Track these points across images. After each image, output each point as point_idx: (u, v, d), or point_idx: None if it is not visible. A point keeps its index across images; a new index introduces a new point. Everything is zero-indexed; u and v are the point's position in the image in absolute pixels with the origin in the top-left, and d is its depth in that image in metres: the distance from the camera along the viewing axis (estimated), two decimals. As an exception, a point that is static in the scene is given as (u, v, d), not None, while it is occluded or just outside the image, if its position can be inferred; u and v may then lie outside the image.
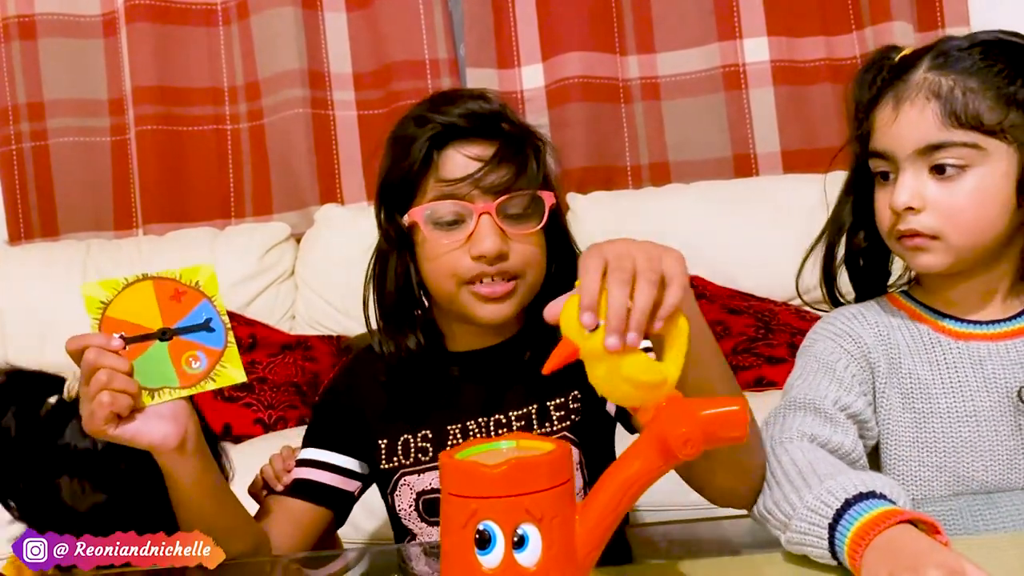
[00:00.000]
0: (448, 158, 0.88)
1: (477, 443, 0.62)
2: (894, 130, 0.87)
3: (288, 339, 2.12)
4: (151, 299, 0.80)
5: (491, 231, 0.86)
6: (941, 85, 0.85)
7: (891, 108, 0.88)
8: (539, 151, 0.91)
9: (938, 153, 0.84)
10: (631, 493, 0.59)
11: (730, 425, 0.58)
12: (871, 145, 0.90)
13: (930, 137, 0.85)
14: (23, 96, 2.52)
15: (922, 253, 0.87)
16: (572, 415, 0.92)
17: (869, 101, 0.92)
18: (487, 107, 0.90)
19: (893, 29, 2.28)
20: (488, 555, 0.56)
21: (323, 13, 2.48)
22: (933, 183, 0.85)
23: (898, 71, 0.89)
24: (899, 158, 0.87)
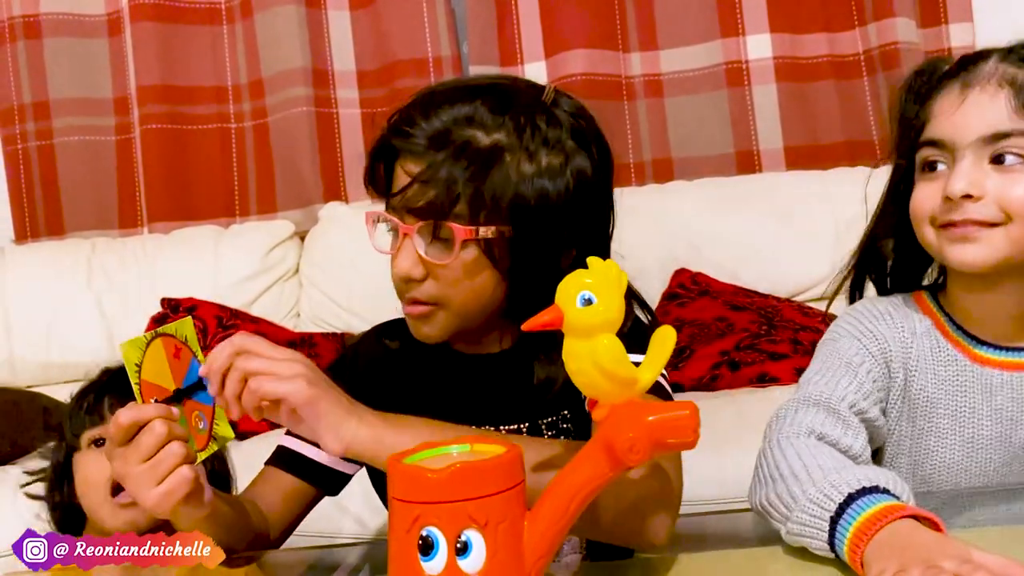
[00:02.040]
0: (396, 169, 0.84)
1: (430, 447, 0.61)
2: (958, 116, 0.83)
3: (292, 336, 2.12)
4: (163, 358, 0.77)
5: (404, 254, 0.82)
6: (1016, 75, 0.82)
7: (957, 93, 0.84)
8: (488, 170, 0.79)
9: (1004, 142, 0.81)
10: (580, 498, 0.58)
11: (678, 431, 0.57)
12: (926, 134, 0.85)
13: (999, 124, 0.81)
14: (28, 95, 2.52)
15: (970, 244, 0.82)
16: (562, 436, 0.90)
17: (926, 93, 0.87)
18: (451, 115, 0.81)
19: (896, 25, 2.27)
20: (431, 561, 0.55)
21: (326, 11, 2.49)
22: (994, 172, 0.81)
23: (963, 64, 0.86)
24: (959, 145, 0.82)
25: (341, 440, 0.72)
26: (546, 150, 0.81)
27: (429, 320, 0.85)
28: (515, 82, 0.88)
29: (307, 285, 2.29)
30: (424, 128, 0.80)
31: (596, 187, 0.85)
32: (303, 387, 0.71)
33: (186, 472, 0.73)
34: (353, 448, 0.72)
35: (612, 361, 0.58)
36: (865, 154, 2.33)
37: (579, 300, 0.58)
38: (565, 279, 0.60)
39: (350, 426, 0.72)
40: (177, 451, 0.73)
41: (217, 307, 2.15)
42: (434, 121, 0.80)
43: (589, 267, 0.60)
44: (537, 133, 0.81)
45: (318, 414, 0.72)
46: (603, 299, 0.58)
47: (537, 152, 0.81)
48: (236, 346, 0.73)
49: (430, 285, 0.83)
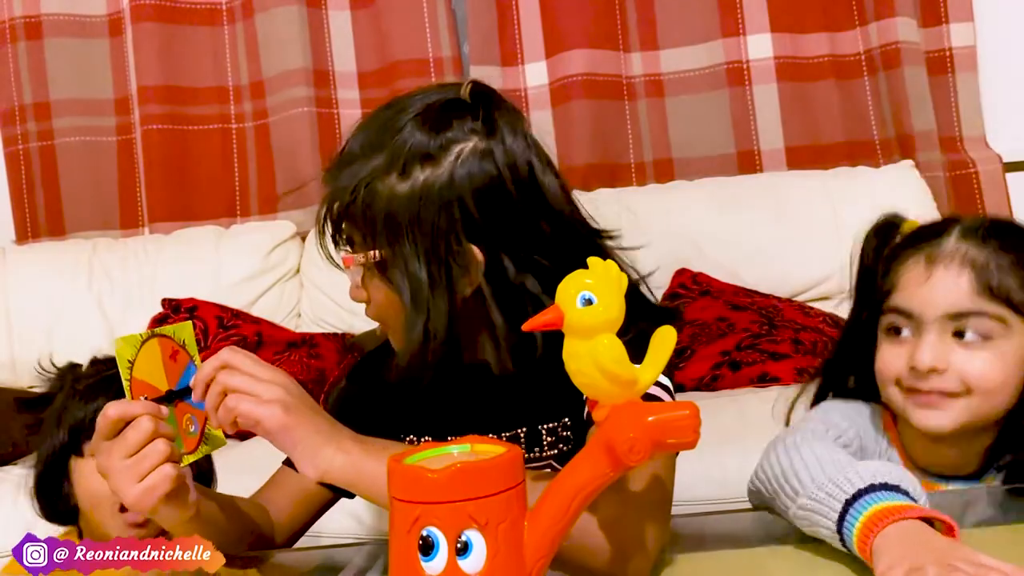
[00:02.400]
0: None
1: (431, 447, 0.61)
2: (924, 291, 0.89)
3: (294, 337, 2.12)
4: (158, 358, 0.78)
5: (351, 282, 0.86)
6: (977, 257, 0.88)
7: (922, 269, 0.90)
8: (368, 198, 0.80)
9: (966, 320, 0.87)
10: (581, 499, 0.58)
11: (679, 431, 0.57)
12: (893, 301, 0.91)
13: (962, 304, 0.87)
14: (29, 96, 2.52)
15: (934, 411, 0.88)
16: (561, 443, 0.90)
17: (890, 258, 0.94)
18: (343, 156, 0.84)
19: (897, 25, 2.27)
20: (432, 561, 0.55)
21: (327, 12, 2.49)
22: (958, 347, 0.87)
23: (925, 236, 0.92)
24: (925, 319, 0.88)
25: (317, 468, 0.72)
26: (422, 165, 0.80)
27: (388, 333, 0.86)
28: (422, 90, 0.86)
29: (308, 285, 2.29)
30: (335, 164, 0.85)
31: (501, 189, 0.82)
32: (278, 413, 0.71)
33: (168, 470, 0.73)
34: (329, 476, 0.72)
35: (612, 361, 0.58)
36: (866, 154, 2.33)
37: (579, 300, 0.58)
38: (565, 279, 0.60)
39: (326, 454, 0.72)
40: (161, 448, 0.73)
41: (218, 307, 2.15)
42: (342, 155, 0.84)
43: (589, 267, 0.60)
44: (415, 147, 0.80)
45: (293, 441, 0.72)
46: (603, 299, 0.58)
47: (412, 169, 0.80)
48: (222, 360, 0.74)
49: (371, 307, 0.86)
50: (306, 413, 0.73)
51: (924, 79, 2.28)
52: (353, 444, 0.74)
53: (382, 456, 0.71)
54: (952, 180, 2.30)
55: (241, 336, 2.07)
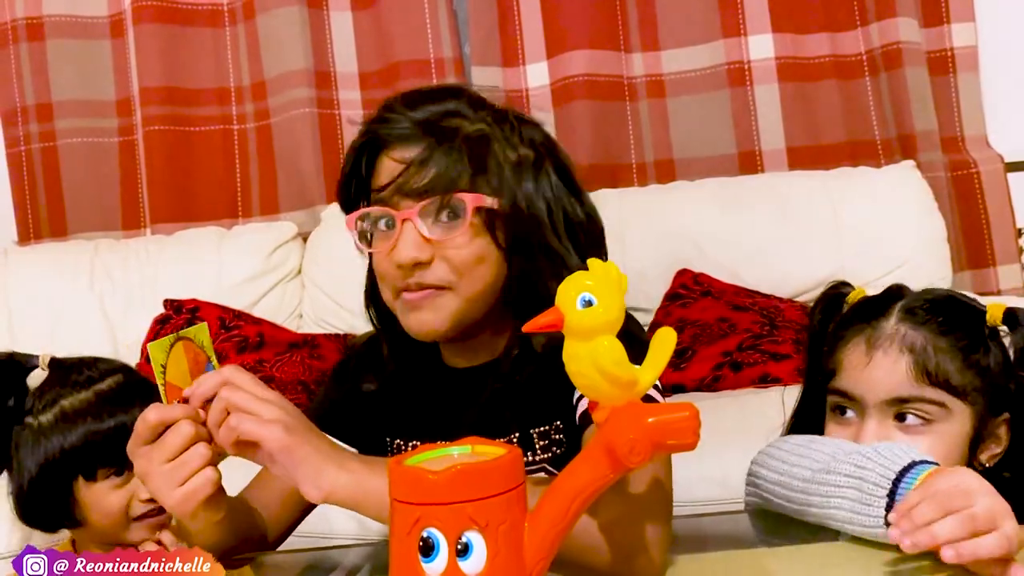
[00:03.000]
0: (381, 164, 0.85)
1: (432, 448, 0.61)
2: (865, 375, 0.89)
3: (295, 338, 2.13)
4: (184, 362, 0.78)
5: (407, 239, 0.82)
6: (916, 340, 0.88)
7: (863, 352, 0.90)
8: (482, 149, 0.83)
9: (906, 405, 0.88)
10: (581, 500, 0.58)
11: (679, 432, 0.57)
12: (835, 383, 0.92)
13: (901, 390, 0.88)
14: (31, 97, 2.53)
15: None
16: (554, 447, 0.90)
17: (835, 336, 0.94)
18: (430, 109, 0.84)
19: (898, 25, 2.27)
20: (432, 563, 0.55)
21: (328, 12, 2.49)
22: (898, 433, 0.88)
23: (866, 315, 0.93)
24: (867, 403, 0.89)
25: (320, 489, 0.70)
26: (522, 144, 0.86)
27: (433, 305, 0.84)
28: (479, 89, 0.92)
29: (310, 286, 2.30)
30: (411, 116, 0.84)
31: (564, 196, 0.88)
32: (280, 433, 0.70)
33: (210, 474, 0.72)
34: (334, 496, 0.71)
35: (612, 363, 0.58)
36: (867, 154, 2.33)
37: (579, 302, 0.58)
38: (566, 280, 0.60)
39: (329, 474, 0.71)
40: (203, 452, 0.72)
41: (220, 308, 2.16)
42: (420, 112, 0.84)
43: (589, 268, 0.60)
44: (513, 128, 0.87)
45: (295, 462, 0.71)
46: (603, 301, 0.58)
47: (517, 145, 0.86)
48: (224, 377, 0.73)
49: (439, 267, 0.83)
50: (306, 434, 0.72)
51: (926, 79, 2.28)
52: (356, 463, 0.73)
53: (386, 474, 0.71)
54: (953, 180, 2.30)
55: (243, 337, 2.07)
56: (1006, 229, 2.30)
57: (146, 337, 2.14)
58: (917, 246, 2.10)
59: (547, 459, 0.90)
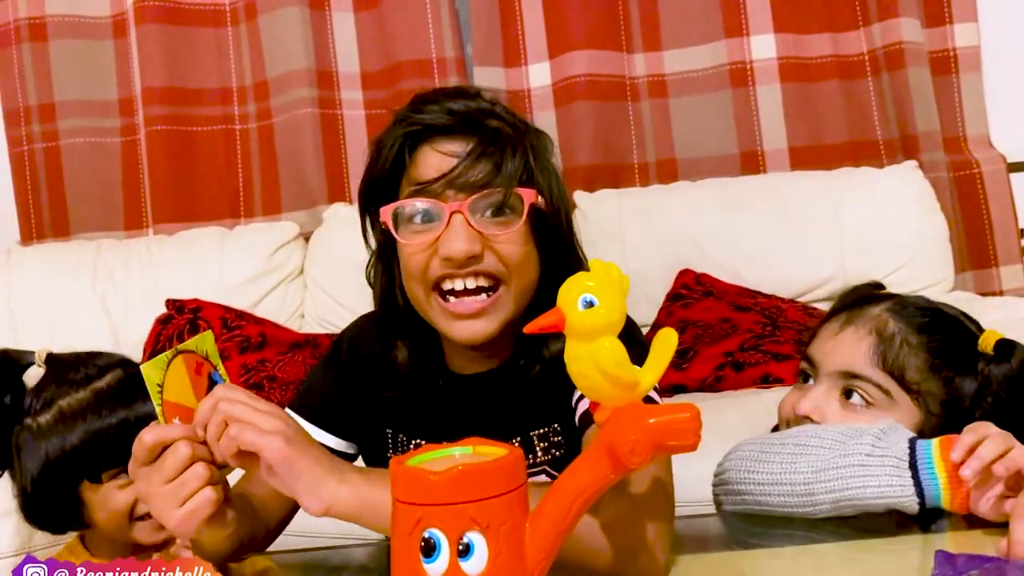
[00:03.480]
0: (423, 156, 0.84)
1: (433, 448, 0.61)
2: (829, 345, 0.93)
3: (297, 337, 2.13)
4: (184, 376, 0.76)
5: (461, 230, 0.80)
6: (887, 326, 0.91)
7: (838, 325, 0.94)
8: (526, 148, 0.85)
9: (854, 381, 0.90)
10: (582, 501, 0.58)
11: (680, 433, 0.57)
12: (807, 349, 0.96)
13: (853, 365, 0.90)
14: (34, 98, 2.54)
15: None
16: (553, 449, 0.90)
17: (828, 314, 0.98)
18: (467, 104, 0.85)
19: (900, 25, 2.27)
20: (433, 563, 0.55)
21: (330, 13, 2.49)
22: (838, 405, 0.90)
23: (862, 301, 0.96)
24: (821, 371, 0.92)
25: (321, 501, 0.70)
26: (544, 153, 0.88)
27: (484, 314, 0.83)
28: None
29: (311, 286, 2.30)
30: (454, 109, 0.84)
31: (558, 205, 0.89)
32: (281, 444, 0.69)
33: (209, 494, 0.72)
34: (335, 509, 0.70)
35: (614, 364, 0.58)
36: (870, 154, 2.33)
37: (581, 303, 0.58)
38: (567, 281, 0.60)
39: (329, 486, 0.70)
40: (201, 473, 0.72)
41: (222, 308, 2.16)
42: (460, 105, 0.85)
43: (591, 269, 0.60)
44: (536, 136, 0.88)
45: (296, 473, 0.70)
46: (604, 301, 0.58)
47: (542, 152, 0.87)
48: (220, 395, 0.73)
49: (490, 260, 0.82)
50: (306, 446, 0.72)
51: (928, 79, 2.28)
52: (356, 476, 0.72)
53: (387, 485, 0.69)
54: (956, 180, 2.29)
55: (245, 337, 2.07)
56: (1008, 230, 2.30)
57: (148, 337, 2.15)
58: (919, 247, 2.10)
59: (547, 461, 0.90)
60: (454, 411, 0.91)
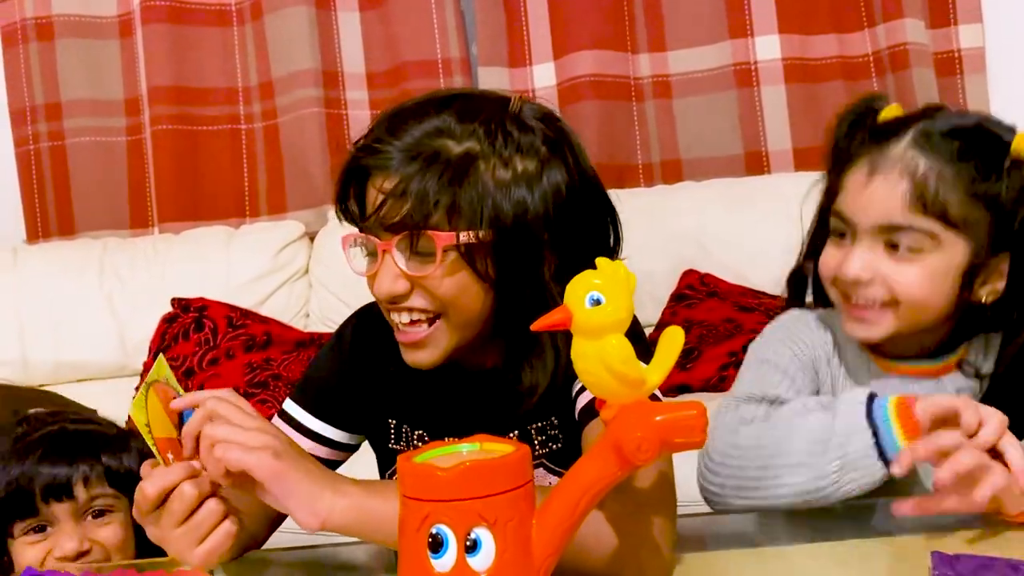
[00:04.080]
0: (368, 191, 0.81)
1: (440, 445, 0.61)
2: (862, 199, 0.88)
3: (302, 336, 2.14)
4: (160, 408, 0.76)
5: (386, 272, 0.79)
6: (918, 166, 0.86)
7: (864, 174, 0.89)
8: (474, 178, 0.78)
9: (897, 234, 0.87)
10: (589, 497, 0.59)
11: (686, 430, 0.58)
12: (836, 205, 0.92)
13: (893, 217, 0.87)
14: (40, 97, 2.54)
15: (861, 325, 0.90)
16: (551, 443, 0.90)
17: (846, 158, 0.92)
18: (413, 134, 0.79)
19: (905, 26, 2.27)
20: (441, 559, 0.55)
21: (336, 13, 2.50)
22: (887, 259, 0.88)
23: (880, 136, 0.90)
24: (859, 228, 0.89)
25: (317, 515, 0.68)
26: (520, 156, 0.80)
27: (425, 346, 0.82)
28: (480, 93, 0.87)
29: (316, 285, 2.31)
30: (394, 144, 0.78)
31: (575, 191, 0.83)
32: (268, 459, 0.68)
33: (228, 527, 0.72)
34: (331, 522, 0.68)
35: (620, 361, 0.58)
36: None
37: (588, 300, 0.59)
38: (574, 279, 0.60)
39: (325, 499, 0.68)
40: (215, 508, 0.71)
41: (227, 307, 2.17)
42: (403, 136, 0.78)
43: (598, 268, 0.61)
44: (510, 140, 0.80)
45: (287, 489, 0.68)
46: (612, 299, 0.59)
47: (511, 158, 0.79)
48: (208, 411, 0.72)
49: (418, 298, 0.80)
50: (297, 459, 0.71)
51: (932, 80, 2.28)
52: (352, 487, 0.70)
53: (385, 494, 0.69)
54: (960, 181, 2.29)
55: (250, 335, 2.08)
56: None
57: (154, 336, 2.16)
58: (923, 247, 2.11)
59: (544, 454, 0.90)
60: (456, 402, 0.91)
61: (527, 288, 0.72)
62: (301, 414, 0.94)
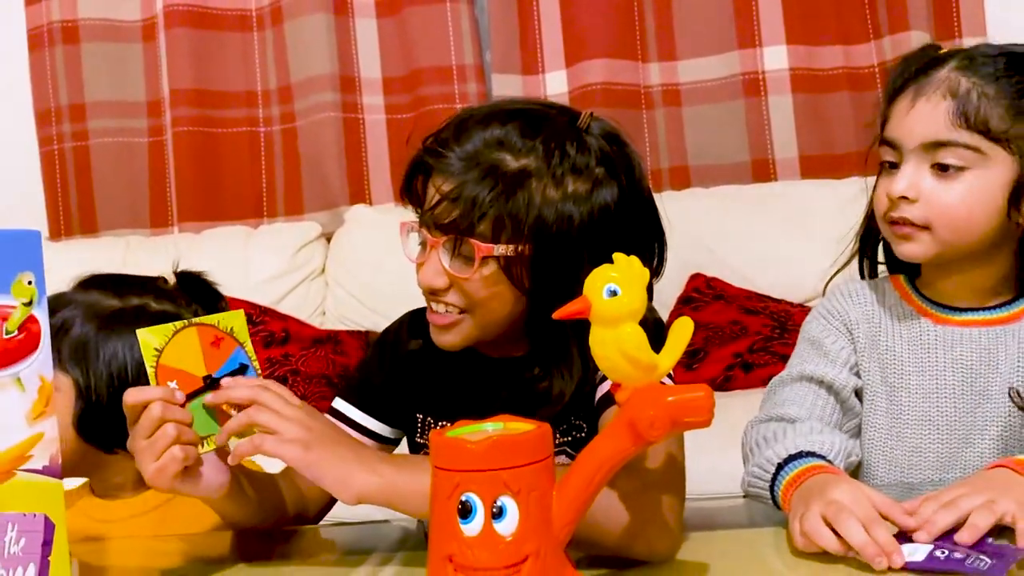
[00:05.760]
0: (429, 186, 0.87)
1: (468, 423, 0.67)
2: (906, 121, 0.91)
3: (319, 334, 2.19)
4: (196, 346, 0.81)
5: (430, 266, 0.86)
6: (960, 85, 0.88)
7: (909, 100, 0.91)
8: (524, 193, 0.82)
9: (941, 151, 0.88)
10: (604, 472, 0.64)
11: (695, 410, 0.62)
12: (884, 133, 0.94)
13: (937, 134, 0.88)
14: (65, 98, 2.61)
15: (908, 242, 0.92)
16: (573, 431, 0.94)
17: (892, 92, 0.94)
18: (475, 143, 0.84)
19: (911, 38, 2.31)
20: (469, 523, 0.61)
21: (354, 20, 2.55)
22: (931, 178, 0.89)
23: (925, 67, 0.92)
24: (905, 149, 0.90)
25: (352, 493, 0.75)
26: (573, 177, 0.84)
27: (451, 329, 0.88)
28: (548, 107, 0.91)
29: (333, 284, 2.36)
30: (456, 150, 0.83)
31: (624, 212, 0.87)
32: (299, 452, 0.76)
33: (176, 452, 0.77)
34: (366, 498, 0.75)
35: (635, 348, 0.64)
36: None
37: (605, 292, 0.64)
38: (593, 272, 0.66)
39: (359, 479, 0.75)
40: (169, 432, 0.77)
41: (247, 304, 2.22)
42: (466, 144, 0.83)
43: (614, 262, 0.66)
44: (566, 159, 0.83)
45: (320, 475, 0.76)
46: (627, 291, 0.64)
47: (564, 177, 0.83)
48: (255, 395, 0.79)
49: (453, 295, 0.87)
50: (328, 446, 0.77)
51: (937, 92, 2.32)
52: (382, 464, 0.77)
53: (413, 471, 0.75)
54: (963, 191, 2.33)
55: (269, 332, 2.13)
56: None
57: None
58: (926, 255, 2.14)
59: (567, 442, 0.95)
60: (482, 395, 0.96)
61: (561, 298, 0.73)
62: (347, 407, 1.01)
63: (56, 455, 0.70)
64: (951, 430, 0.94)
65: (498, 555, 0.61)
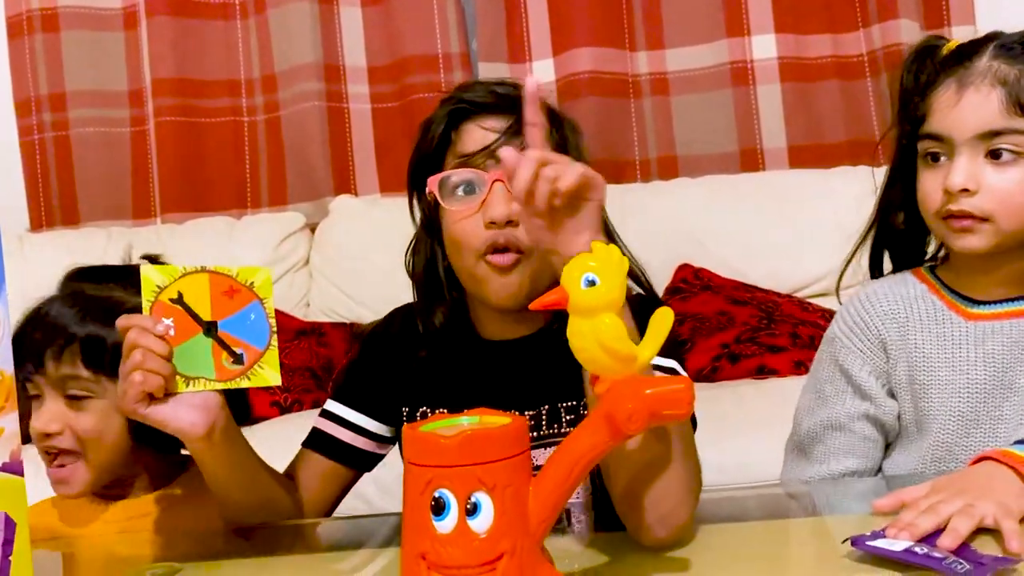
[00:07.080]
0: (467, 132, 0.90)
1: (442, 417, 0.65)
2: (955, 113, 0.89)
3: (303, 325, 2.17)
4: (204, 291, 0.81)
5: (502, 196, 0.86)
6: (1008, 73, 0.88)
7: (953, 92, 0.90)
8: (561, 134, 0.92)
9: (997, 139, 0.87)
10: (582, 466, 0.62)
11: (674, 403, 0.61)
12: (925, 127, 0.92)
13: (992, 123, 0.87)
14: (45, 87, 2.57)
15: (969, 235, 0.90)
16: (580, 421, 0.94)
17: (926, 84, 0.93)
18: (508, 89, 0.91)
19: (900, 27, 2.31)
20: (443, 520, 0.59)
21: (339, 8, 2.53)
22: (989, 167, 0.88)
23: (959, 58, 0.92)
24: (956, 141, 0.89)
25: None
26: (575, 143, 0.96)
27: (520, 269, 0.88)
28: None
29: (317, 276, 2.34)
30: (497, 91, 0.92)
31: None
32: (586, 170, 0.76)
33: (135, 377, 0.77)
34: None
35: (613, 339, 0.62)
36: (867, 154, 2.35)
37: (583, 282, 0.62)
38: (571, 262, 0.64)
39: None
40: (135, 359, 0.77)
41: (229, 296, 2.20)
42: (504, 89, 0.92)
43: (593, 251, 0.64)
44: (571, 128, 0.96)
45: None
46: (606, 281, 0.62)
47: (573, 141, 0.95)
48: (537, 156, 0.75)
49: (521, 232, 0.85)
50: None
51: (926, 80, 2.31)
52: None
53: None
54: (952, 180, 2.33)
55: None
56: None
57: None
58: (914, 244, 2.14)
59: None
60: (483, 379, 0.95)
61: None
62: (341, 408, 1.00)
63: (17, 451, 0.68)
64: (978, 424, 0.92)
65: (472, 553, 0.59)
